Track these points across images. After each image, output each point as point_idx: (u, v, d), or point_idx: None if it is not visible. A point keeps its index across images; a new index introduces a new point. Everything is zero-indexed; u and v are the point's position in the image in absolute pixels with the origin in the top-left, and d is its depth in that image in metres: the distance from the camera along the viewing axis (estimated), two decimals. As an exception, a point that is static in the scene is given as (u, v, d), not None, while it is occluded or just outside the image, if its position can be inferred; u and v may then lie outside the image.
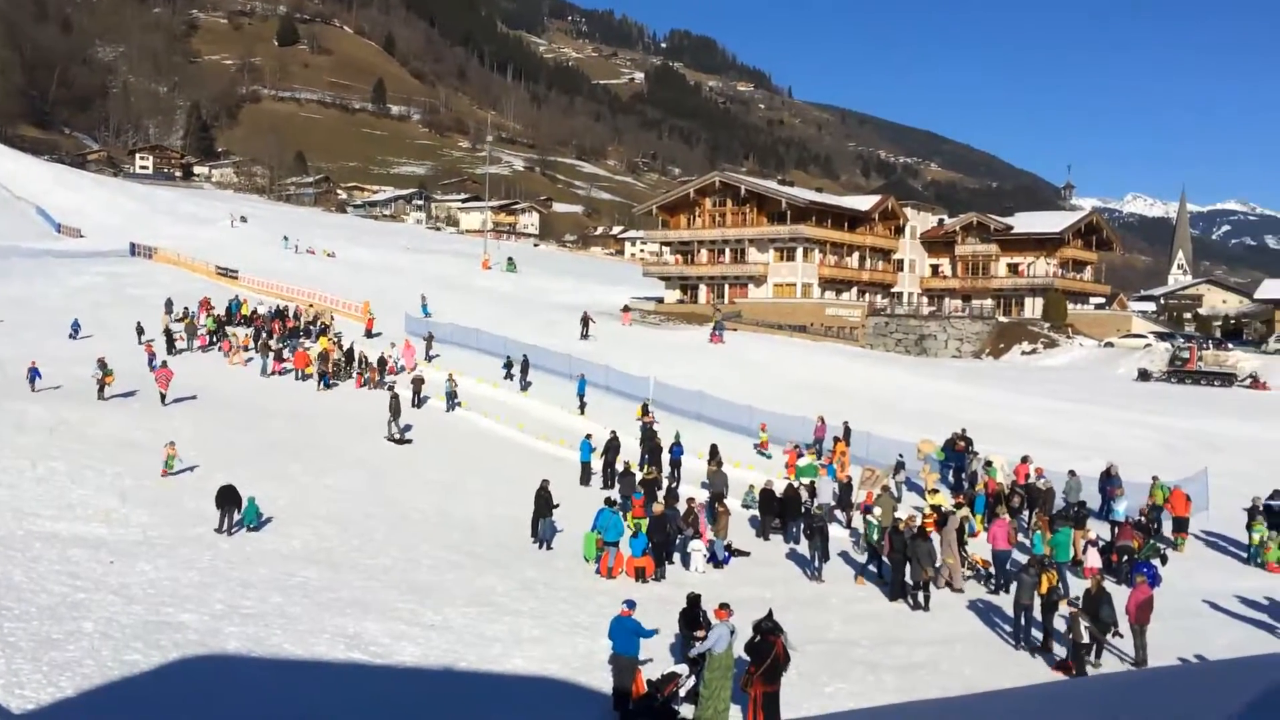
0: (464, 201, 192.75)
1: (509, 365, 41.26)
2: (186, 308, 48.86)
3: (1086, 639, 16.14)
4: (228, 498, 21.22)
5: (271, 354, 41.42)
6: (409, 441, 32.39)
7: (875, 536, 21.83)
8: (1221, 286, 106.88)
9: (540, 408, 38.03)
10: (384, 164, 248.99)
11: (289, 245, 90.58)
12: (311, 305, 53.79)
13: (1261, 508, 24.35)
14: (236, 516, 21.30)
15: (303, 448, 30.09)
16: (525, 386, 40.18)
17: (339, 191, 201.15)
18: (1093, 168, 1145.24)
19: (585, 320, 54.73)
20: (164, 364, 36.30)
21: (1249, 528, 23.81)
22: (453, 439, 33.94)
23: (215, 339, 45.33)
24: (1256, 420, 41.20)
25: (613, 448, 29.48)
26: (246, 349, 43.51)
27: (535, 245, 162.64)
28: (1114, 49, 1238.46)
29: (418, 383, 37.73)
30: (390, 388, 35.40)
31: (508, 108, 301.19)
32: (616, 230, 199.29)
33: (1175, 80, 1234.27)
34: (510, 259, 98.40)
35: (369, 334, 48.70)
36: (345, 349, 42.23)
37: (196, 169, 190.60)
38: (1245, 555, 23.66)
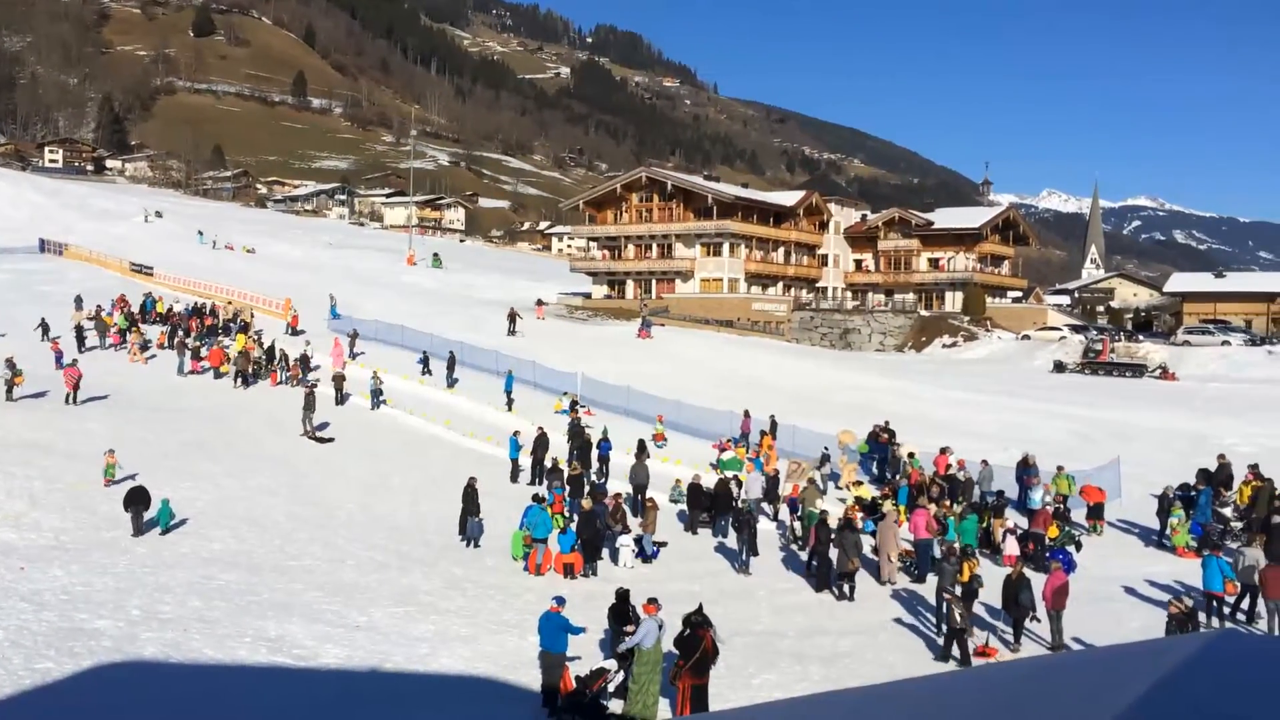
0: (388, 196, 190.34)
1: (425, 360, 41.02)
2: (99, 305, 47.38)
3: (960, 624, 16.48)
4: (136, 499, 20.64)
5: (189, 352, 40.40)
6: (330, 440, 31.87)
7: (804, 525, 22.10)
8: (1132, 280, 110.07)
9: (468, 404, 37.70)
10: (305, 158, 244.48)
11: (205, 241, 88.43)
12: (230, 302, 52.59)
13: (1174, 496, 25.17)
14: (148, 517, 20.73)
15: (221, 448, 29.40)
16: (452, 383, 39.80)
17: (258, 186, 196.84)
18: (1010, 165, 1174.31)
19: (512, 316, 54.43)
20: (73, 363, 35.13)
21: (1166, 513, 24.50)
22: (378, 437, 33.47)
23: (127, 337, 44.08)
24: (1166, 410, 42.56)
25: (541, 444, 29.38)
26: (146, 347, 42.34)
27: (461, 241, 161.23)
28: (1030, 49, 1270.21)
29: (339, 380, 37.11)
30: (310, 386, 34.77)
31: (432, 102, 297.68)
32: (544, 226, 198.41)
33: (1088, 80, 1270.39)
34: (436, 255, 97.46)
35: (294, 331, 47.77)
36: (266, 347, 41.37)
37: (109, 163, 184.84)
38: (1157, 540, 24.41)
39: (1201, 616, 18.77)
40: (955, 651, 16.50)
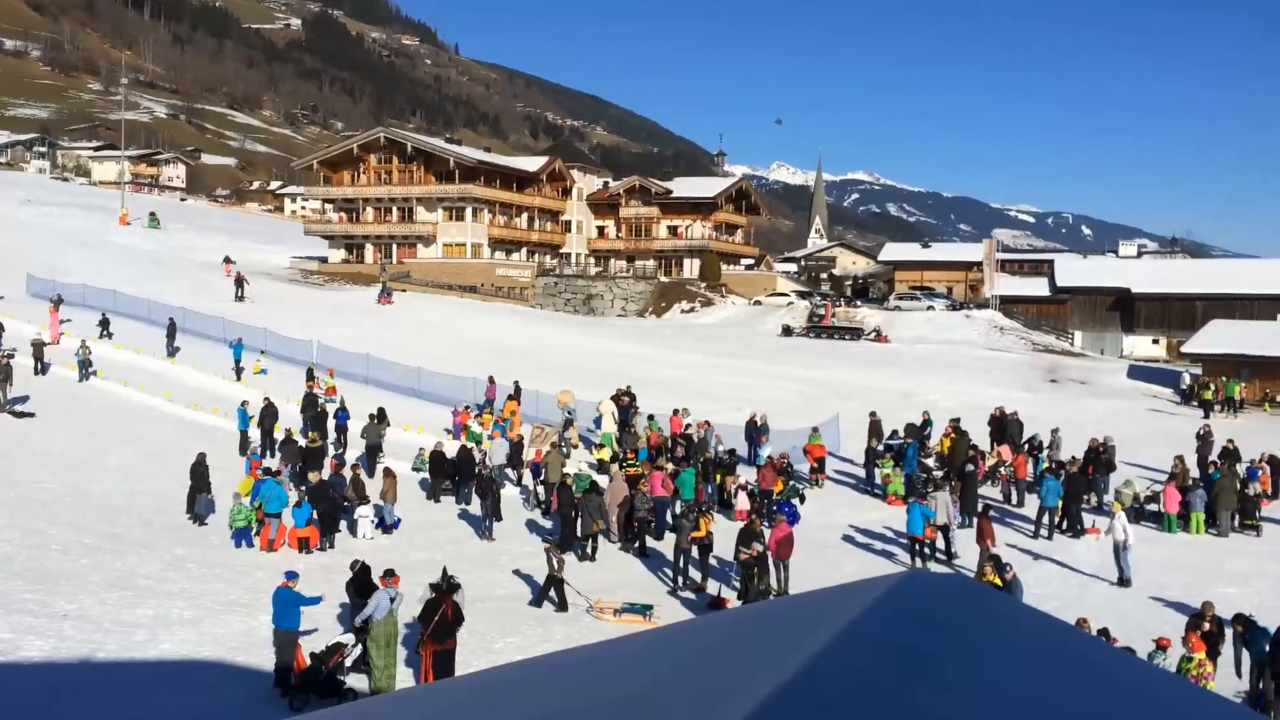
0: (97, 150, 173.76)
1: (105, 323, 38.70)
2: None
3: (557, 570, 17.21)
4: None
5: None
6: (31, 415, 28.99)
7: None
8: (852, 249, 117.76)
9: (192, 375, 35.36)
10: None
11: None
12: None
13: (883, 447, 27.35)
14: None
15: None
16: (173, 352, 37.15)
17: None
18: (743, 137, 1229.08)
19: (239, 281, 51.42)
20: None
21: (876, 465, 26.60)
22: (87, 411, 30.72)
23: None
24: (880, 369, 46.10)
25: (269, 414, 27.99)
26: None
27: (182, 200, 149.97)
28: (760, 29, 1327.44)
29: (37, 347, 33.76)
30: (6, 355, 31.38)
31: (146, 48, 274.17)
32: (275, 186, 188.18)
33: (813, 60, 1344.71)
34: (153, 214, 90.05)
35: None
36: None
37: None
38: (870, 490, 26.43)
39: (905, 557, 20.64)
40: (554, 595, 17.36)
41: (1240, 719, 2.45)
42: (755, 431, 28.56)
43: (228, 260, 61.59)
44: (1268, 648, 13.05)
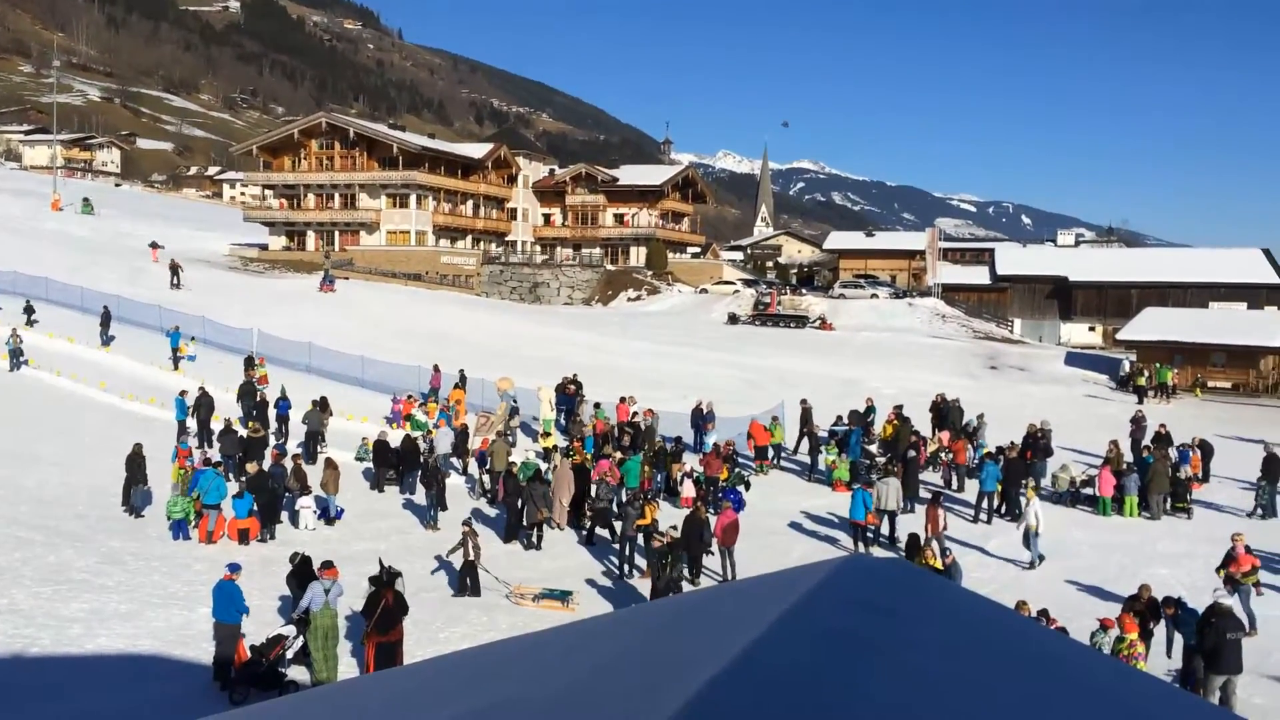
0: (27, 134, 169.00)
1: (29, 310, 37.98)
2: None
3: (473, 556, 17.29)
4: None
5: None
6: (-40, 407, 28.20)
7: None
8: (797, 238, 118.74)
9: (128, 364, 34.60)
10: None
11: None
12: None
13: (827, 434, 27.62)
14: None
15: None
16: (107, 341, 36.34)
17: None
18: (689, 125, 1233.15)
19: (175, 268, 50.42)
20: None
21: (820, 451, 26.84)
22: (19, 402, 29.92)
23: None
24: (824, 356, 46.51)
25: (204, 404, 27.49)
26: None
27: (117, 185, 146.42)
28: (707, 19, 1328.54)
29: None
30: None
31: (79, 30, 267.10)
32: (213, 171, 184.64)
33: (758, 50, 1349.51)
34: (86, 199, 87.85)
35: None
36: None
37: None
38: (815, 477, 26.65)
39: (849, 542, 20.88)
40: (469, 580, 17.39)
41: (1165, 695, 2.51)
42: (701, 419, 28.67)
43: (154, 245, 60.08)
44: (1196, 629, 13.43)
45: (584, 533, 21.42)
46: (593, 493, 21.63)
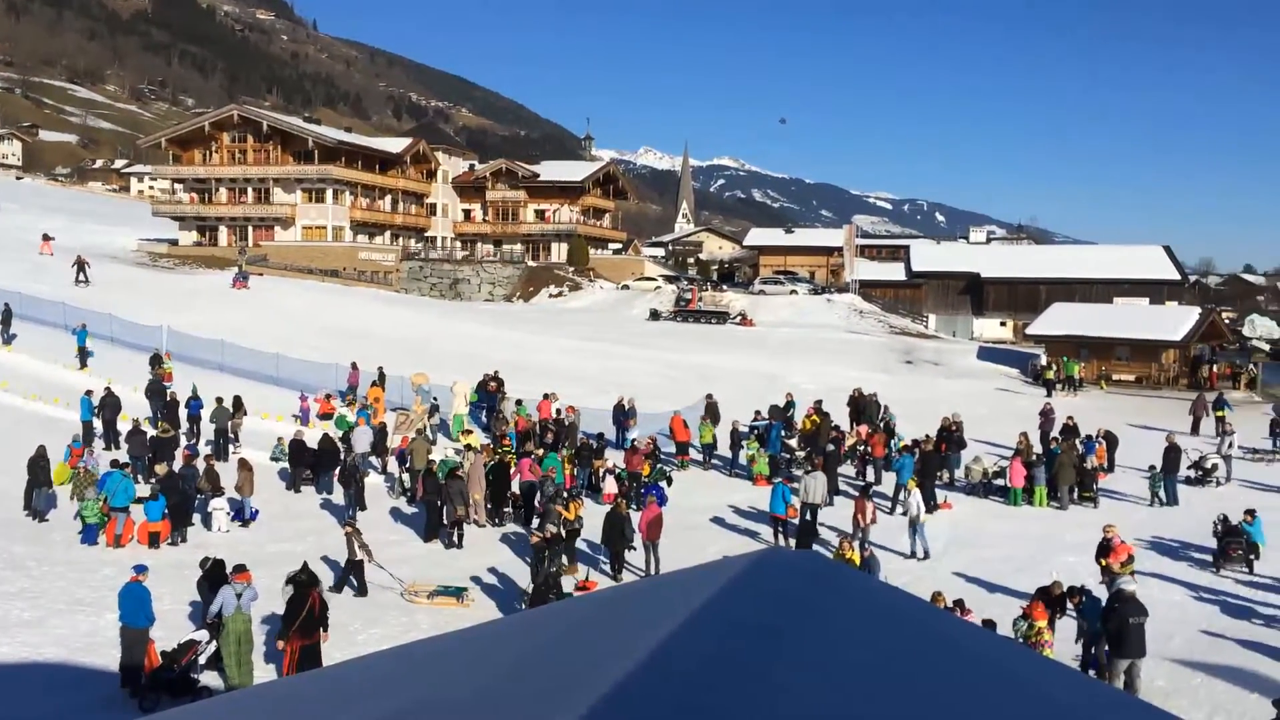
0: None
1: None
2: None
3: (361, 556, 17.01)
4: None
5: None
6: None
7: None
8: (718, 234, 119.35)
9: (30, 363, 33.34)
10: None
11: None
12: None
13: (748, 429, 27.87)
14: None
15: None
16: (9, 339, 35.02)
17: None
18: (610, 121, 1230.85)
19: (80, 264, 48.76)
20: None
21: (740, 446, 27.07)
22: (-88, 404, 28.67)
23: None
24: (744, 352, 46.91)
25: (109, 404, 26.65)
26: None
27: (18, 178, 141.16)
28: (629, 15, 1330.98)
29: None
30: None
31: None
32: (120, 164, 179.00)
33: (679, 46, 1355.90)
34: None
35: None
36: None
37: None
38: (736, 472, 26.86)
39: (769, 536, 21.10)
40: (354, 580, 17.09)
41: (1068, 680, 2.58)
42: (623, 415, 28.71)
43: (46, 237, 57.81)
44: (1100, 617, 13.87)
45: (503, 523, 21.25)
46: (515, 488, 21.49)
